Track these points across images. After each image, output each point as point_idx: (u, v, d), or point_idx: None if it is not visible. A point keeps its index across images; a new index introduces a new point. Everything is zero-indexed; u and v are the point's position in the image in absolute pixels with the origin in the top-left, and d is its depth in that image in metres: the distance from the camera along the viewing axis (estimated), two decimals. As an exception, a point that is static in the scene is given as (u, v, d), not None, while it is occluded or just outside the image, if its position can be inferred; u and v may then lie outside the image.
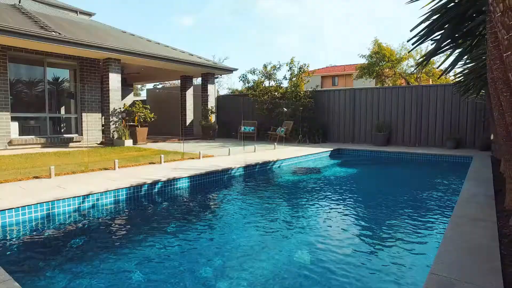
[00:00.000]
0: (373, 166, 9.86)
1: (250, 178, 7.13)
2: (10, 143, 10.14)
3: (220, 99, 17.56)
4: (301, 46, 79.14)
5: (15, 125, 10.53)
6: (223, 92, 34.44)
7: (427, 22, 3.48)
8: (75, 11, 16.18)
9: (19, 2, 12.25)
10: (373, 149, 11.20)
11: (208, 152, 9.39)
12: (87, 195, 4.50)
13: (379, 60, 20.06)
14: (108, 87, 11.55)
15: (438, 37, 3.63)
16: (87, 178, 5.52)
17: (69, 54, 11.20)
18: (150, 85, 35.80)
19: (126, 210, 4.77)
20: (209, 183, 6.31)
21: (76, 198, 4.39)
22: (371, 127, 13.03)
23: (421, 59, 3.67)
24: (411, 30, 3.83)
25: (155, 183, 5.35)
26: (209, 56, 44.47)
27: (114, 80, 11.64)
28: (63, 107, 12.25)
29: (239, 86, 44.44)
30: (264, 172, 7.74)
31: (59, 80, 11.98)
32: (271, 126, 14.36)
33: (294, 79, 14.42)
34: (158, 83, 34.25)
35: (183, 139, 13.88)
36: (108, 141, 11.73)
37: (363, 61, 21.61)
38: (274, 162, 8.17)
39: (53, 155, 8.57)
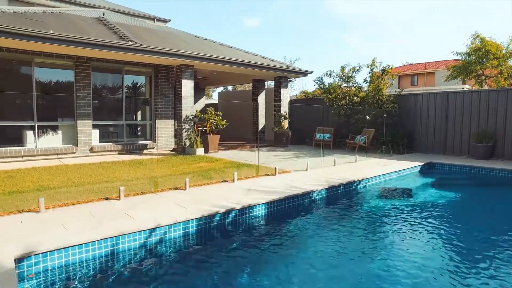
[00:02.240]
0: (477, 188, 8.20)
1: (334, 203, 6.17)
2: (91, 150, 10.47)
3: (292, 102, 16.71)
4: (372, 45, 74.88)
5: (95, 132, 10.88)
6: (294, 94, 33.48)
7: None
8: (152, 18, 16.62)
9: (103, 15, 12.73)
10: (473, 164, 9.44)
11: (283, 165, 8.64)
12: (154, 229, 4.00)
13: (480, 58, 17.16)
14: (181, 93, 11.40)
15: None
16: (156, 201, 5.10)
17: (145, 62, 11.28)
18: (220, 88, 36.33)
19: (195, 247, 4.19)
20: (287, 210, 5.52)
21: (142, 232, 3.90)
22: (468, 136, 11.16)
23: None
24: None
25: (228, 212, 4.71)
26: (280, 57, 43.89)
27: (187, 86, 11.46)
28: (139, 113, 12.46)
29: (311, 88, 43.05)
30: (349, 194, 6.70)
31: (136, 87, 12.19)
32: (349, 134, 13.13)
33: (375, 81, 12.99)
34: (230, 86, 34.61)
35: (257, 146, 13.30)
36: (180, 149, 11.62)
37: (458, 59, 18.69)
38: (360, 181, 7.09)
39: (127, 165, 8.53)
